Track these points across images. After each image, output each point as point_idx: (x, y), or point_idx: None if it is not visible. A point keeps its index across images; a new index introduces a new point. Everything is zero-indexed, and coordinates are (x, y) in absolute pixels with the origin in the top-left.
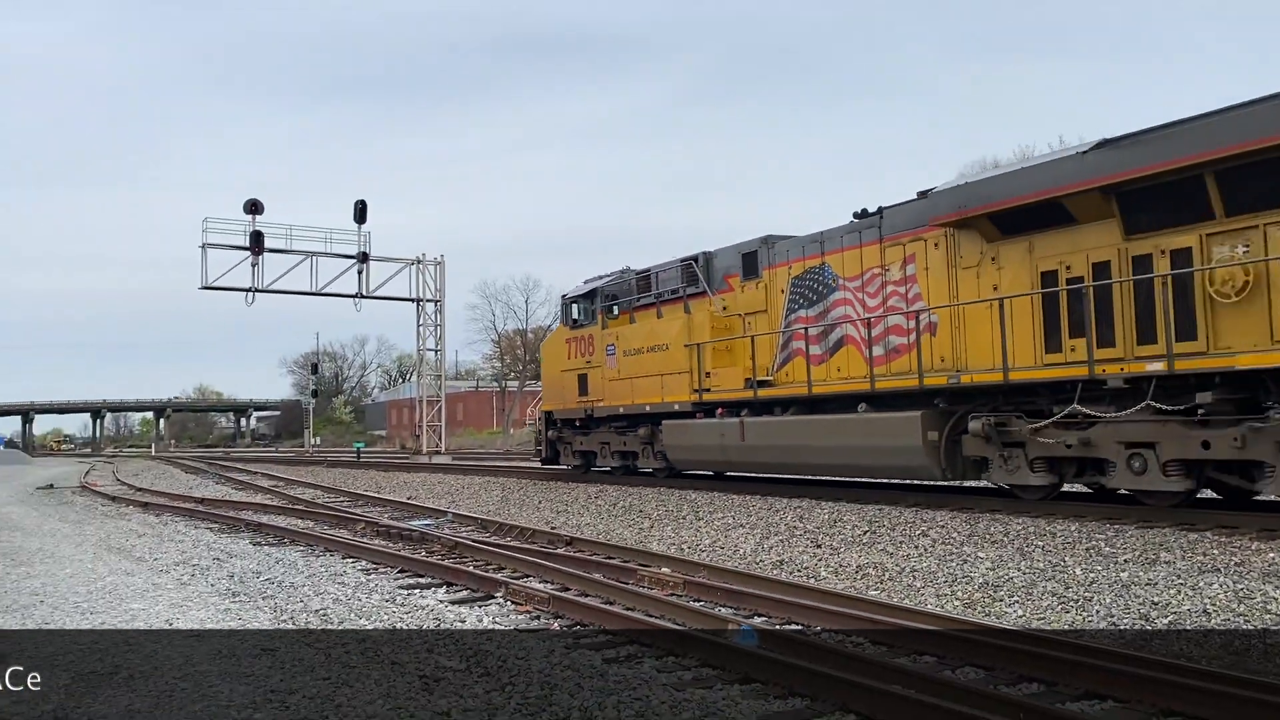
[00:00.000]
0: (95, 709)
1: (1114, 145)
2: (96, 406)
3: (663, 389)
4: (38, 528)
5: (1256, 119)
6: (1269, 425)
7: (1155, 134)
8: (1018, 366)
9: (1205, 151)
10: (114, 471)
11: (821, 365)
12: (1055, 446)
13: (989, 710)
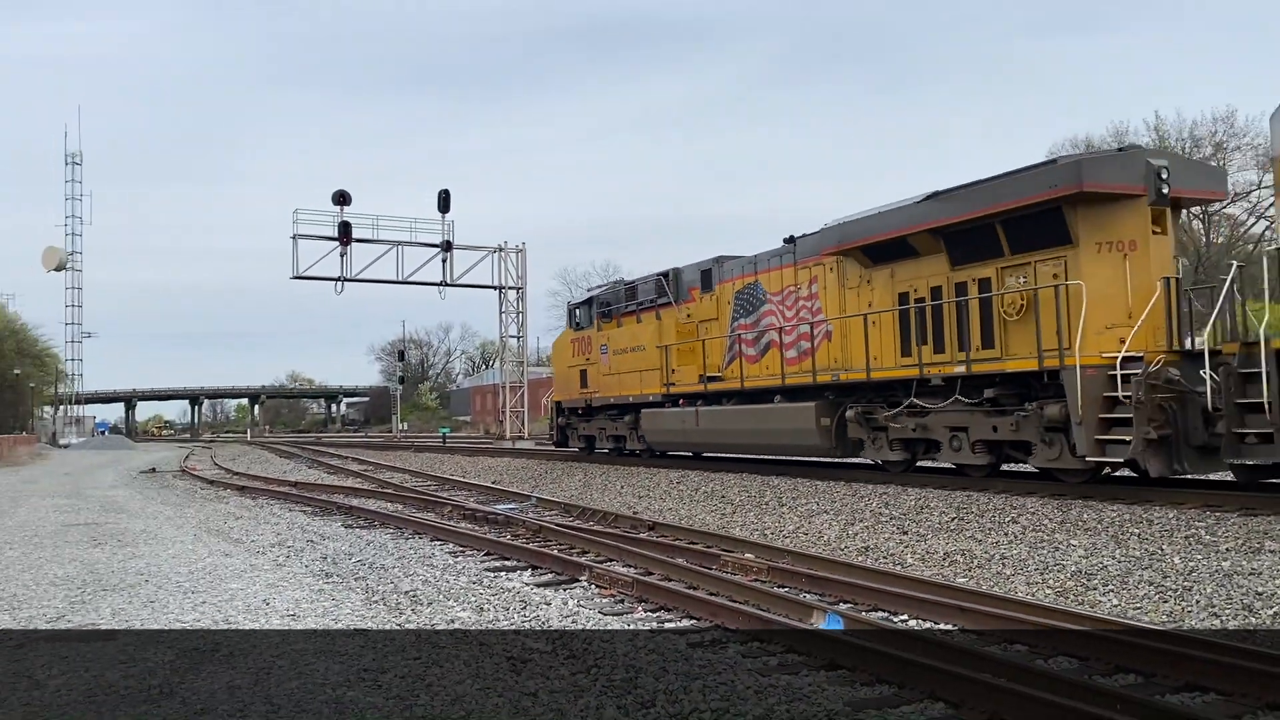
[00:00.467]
0: (198, 684)
1: (941, 197)
2: (195, 393)
3: (641, 383)
4: (141, 510)
5: (1028, 181)
6: (1031, 414)
7: (969, 189)
8: (879, 367)
9: (994, 205)
10: (212, 456)
11: (755, 364)
12: (905, 430)
13: (1083, 701)
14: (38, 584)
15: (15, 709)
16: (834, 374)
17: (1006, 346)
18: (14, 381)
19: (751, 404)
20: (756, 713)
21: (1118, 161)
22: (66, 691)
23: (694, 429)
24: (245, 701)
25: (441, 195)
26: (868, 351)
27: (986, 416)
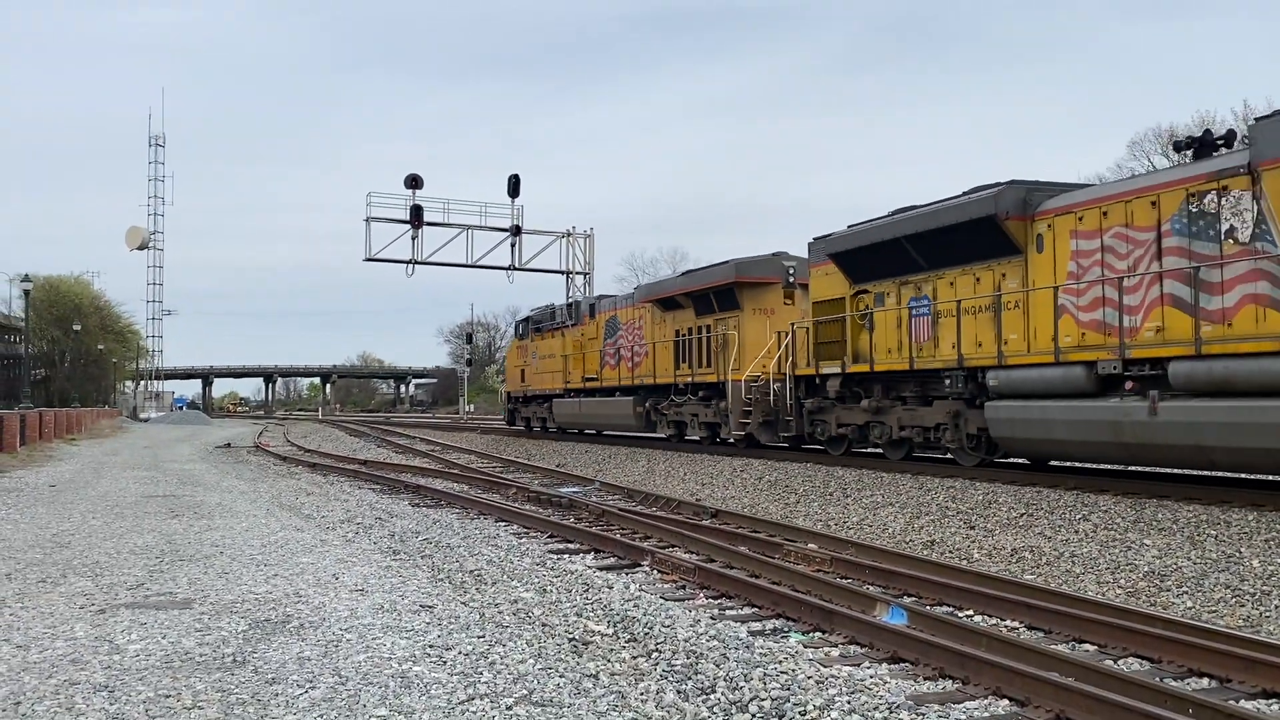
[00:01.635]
0: (270, 655)
1: (688, 275)
2: (269, 371)
3: (553, 381)
4: (217, 484)
5: (720, 271)
6: (716, 406)
7: (700, 271)
8: (664, 376)
9: (708, 284)
10: (284, 433)
11: (613, 370)
12: (672, 414)
13: (1153, 703)
14: (119, 553)
15: (97, 671)
16: (643, 379)
17: (715, 366)
18: (98, 357)
19: (608, 397)
20: (817, 703)
21: (766, 262)
22: (145, 657)
23: (579, 413)
24: (314, 673)
25: (511, 180)
26: (655, 366)
27: (705, 406)
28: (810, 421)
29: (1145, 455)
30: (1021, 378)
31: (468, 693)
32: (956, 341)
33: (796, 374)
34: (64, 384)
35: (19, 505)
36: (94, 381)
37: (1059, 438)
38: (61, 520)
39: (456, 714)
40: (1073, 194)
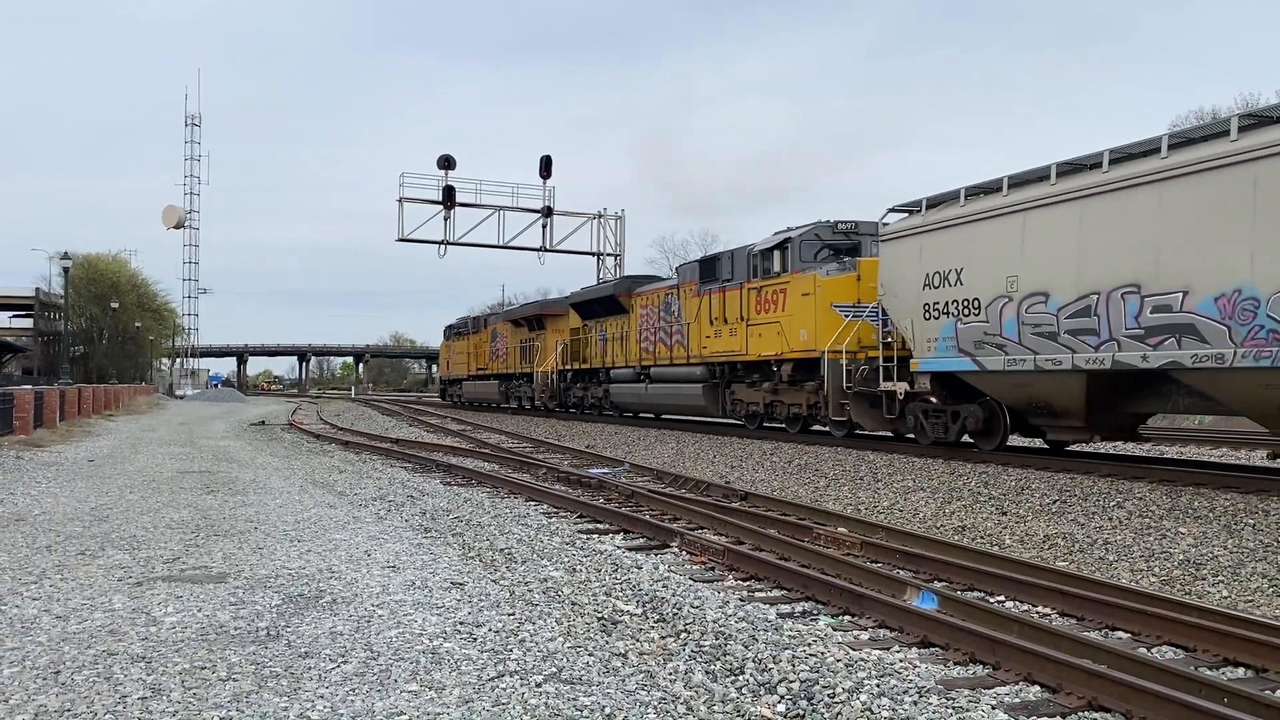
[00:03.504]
0: (303, 629)
1: (583, 290)
2: (303, 350)
3: (463, 369)
4: (251, 460)
5: (613, 287)
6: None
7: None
8: (512, 368)
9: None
10: (318, 411)
11: (495, 362)
12: (516, 392)
13: (1188, 691)
14: (156, 527)
15: (134, 643)
16: (503, 370)
17: (531, 363)
18: (135, 334)
19: (488, 381)
20: (846, 686)
21: (653, 279)
22: (181, 629)
23: (475, 391)
24: (346, 648)
25: (543, 161)
26: (511, 363)
27: (528, 386)
28: (568, 394)
29: (648, 405)
30: (620, 374)
31: (497, 669)
32: (603, 355)
33: (559, 369)
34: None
35: (58, 479)
36: (131, 359)
37: (627, 400)
38: (100, 494)
39: (486, 690)
40: (643, 285)
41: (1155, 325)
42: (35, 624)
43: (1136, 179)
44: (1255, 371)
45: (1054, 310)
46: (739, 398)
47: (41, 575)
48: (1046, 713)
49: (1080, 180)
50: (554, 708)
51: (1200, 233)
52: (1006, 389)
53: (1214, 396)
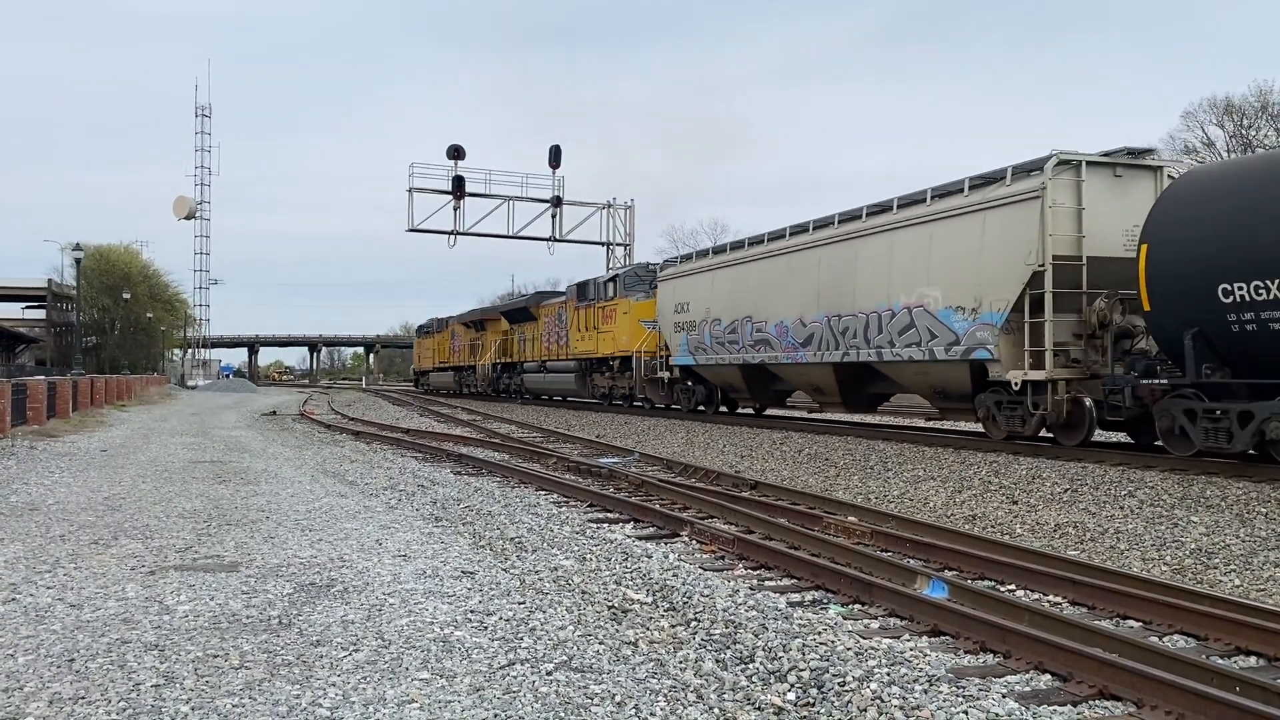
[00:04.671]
0: (315, 618)
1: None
2: (313, 340)
3: (431, 362)
4: (263, 450)
5: (530, 299)
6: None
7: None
8: (464, 361)
9: (518, 306)
10: (329, 402)
11: (450, 358)
12: (468, 381)
13: (1199, 680)
14: (168, 516)
15: (148, 631)
16: (459, 364)
17: (476, 358)
18: (147, 325)
19: (447, 372)
20: (856, 674)
21: (556, 294)
22: (194, 618)
23: (440, 381)
24: (358, 636)
25: (552, 150)
26: (463, 358)
27: (517, 376)
28: (499, 382)
29: (545, 389)
30: (529, 367)
31: (508, 658)
32: (521, 351)
33: (493, 362)
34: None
35: (72, 469)
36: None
37: (533, 386)
38: (112, 484)
39: (497, 678)
40: (548, 300)
41: (761, 340)
42: (49, 612)
43: (753, 258)
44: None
45: (722, 329)
46: (595, 383)
47: (55, 564)
48: (1057, 701)
49: (744, 251)
50: (564, 695)
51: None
52: (710, 375)
53: (794, 383)
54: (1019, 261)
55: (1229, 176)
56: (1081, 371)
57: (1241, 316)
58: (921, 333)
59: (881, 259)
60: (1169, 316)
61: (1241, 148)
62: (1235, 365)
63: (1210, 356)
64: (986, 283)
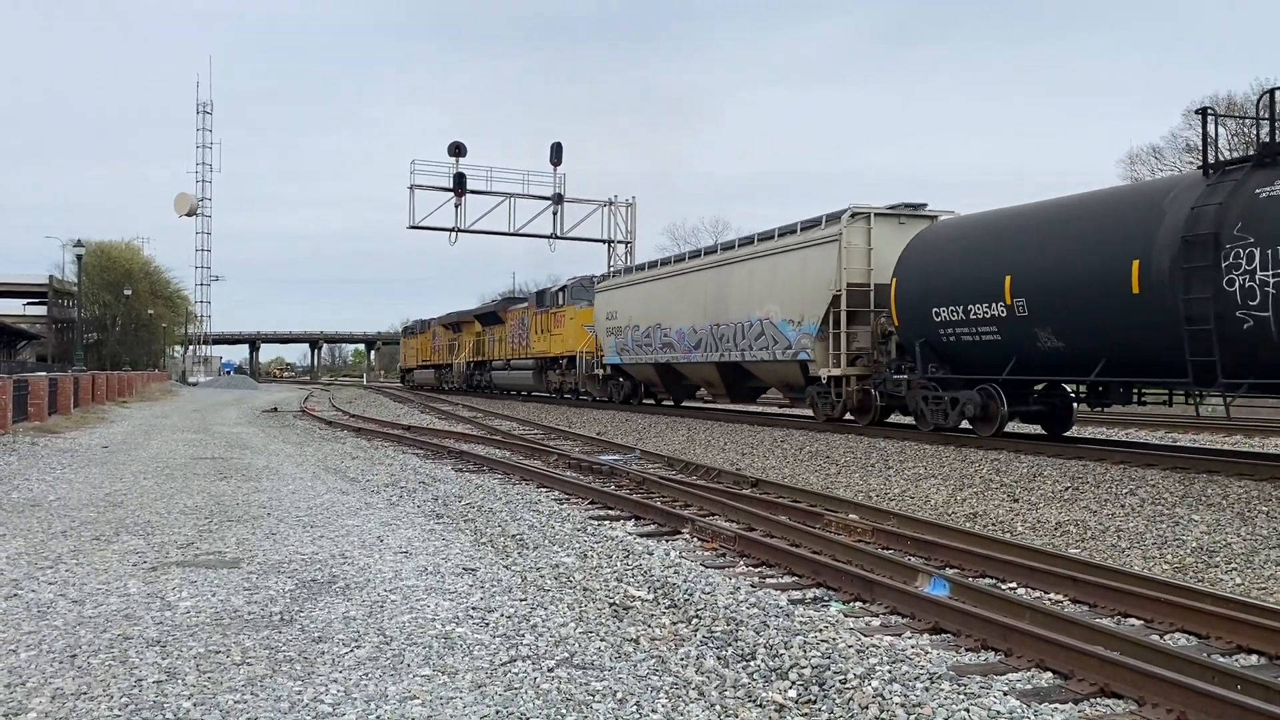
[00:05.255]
0: (316, 614)
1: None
2: (314, 337)
3: (415, 360)
4: (264, 447)
5: (499, 304)
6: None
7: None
8: (442, 360)
9: (486, 310)
10: (330, 398)
11: (431, 356)
12: (444, 379)
13: (1200, 678)
14: (170, 512)
15: (149, 627)
16: (439, 362)
17: (452, 358)
18: (148, 321)
19: (430, 370)
20: (858, 671)
21: (520, 300)
22: (195, 614)
23: (419, 377)
24: (359, 632)
25: (554, 147)
26: (443, 356)
27: (450, 374)
28: (472, 379)
29: (509, 385)
30: (496, 365)
31: (510, 654)
32: (491, 351)
33: (468, 361)
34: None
35: (73, 465)
36: (144, 345)
37: (499, 382)
38: (114, 480)
39: (499, 675)
40: (514, 305)
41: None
42: (51, 608)
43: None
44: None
45: (640, 332)
46: (549, 379)
47: (57, 560)
48: (1058, 699)
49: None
50: (566, 692)
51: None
52: (633, 371)
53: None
54: (825, 287)
55: (941, 231)
56: (869, 369)
57: (945, 331)
58: (769, 339)
59: (744, 281)
60: (908, 330)
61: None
62: (950, 365)
63: (934, 358)
64: (806, 302)
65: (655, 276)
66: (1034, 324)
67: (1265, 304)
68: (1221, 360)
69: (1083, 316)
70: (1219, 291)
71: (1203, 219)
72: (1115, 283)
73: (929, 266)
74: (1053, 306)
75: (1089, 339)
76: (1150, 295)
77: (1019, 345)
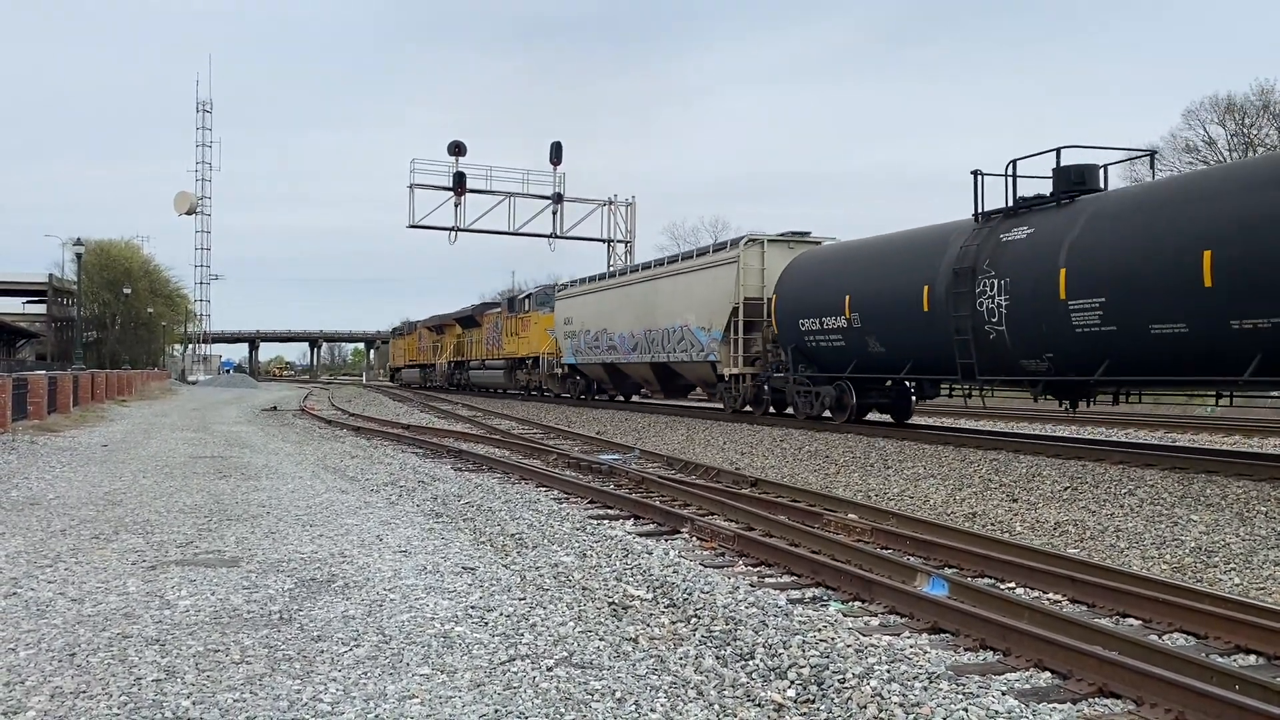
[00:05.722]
0: (315, 613)
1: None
2: (314, 336)
3: (402, 360)
4: (264, 446)
5: (477, 309)
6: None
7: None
8: (427, 360)
9: (465, 314)
10: (329, 397)
11: (418, 356)
12: (427, 377)
13: (1199, 678)
14: (169, 511)
15: (149, 626)
16: (424, 362)
17: (435, 358)
18: (147, 320)
19: (415, 369)
20: (856, 671)
21: (494, 306)
22: (195, 612)
23: (406, 376)
24: (359, 631)
25: (554, 147)
26: (427, 356)
27: (433, 373)
28: (453, 377)
29: (484, 383)
30: (473, 365)
31: (509, 653)
32: (469, 352)
33: (449, 361)
34: (115, 346)
35: (73, 464)
36: (144, 344)
37: (475, 380)
38: (113, 479)
39: (498, 674)
40: (489, 310)
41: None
42: (50, 607)
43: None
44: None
45: (590, 336)
46: (517, 377)
47: (56, 559)
48: (1057, 699)
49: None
50: (565, 691)
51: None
52: (586, 370)
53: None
54: (727, 300)
55: (809, 257)
56: (762, 369)
57: (809, 338)
58: (688, 343)
59: (669, 294)
60: (784, 336)
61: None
62: (815, 365)
63: (803, 360)
64: (714, 313)
65: (603, 287)
66: (865, 333)
67: (1002, 321)
68: (978, 362)
69: (896, 328)
70: (974, 311)
71: (966, 255)
72: (913, 302)
73: (798, 286)
74: (877, 319)
75: (900, 345)
76: (934, 312)
77: (857, 350)
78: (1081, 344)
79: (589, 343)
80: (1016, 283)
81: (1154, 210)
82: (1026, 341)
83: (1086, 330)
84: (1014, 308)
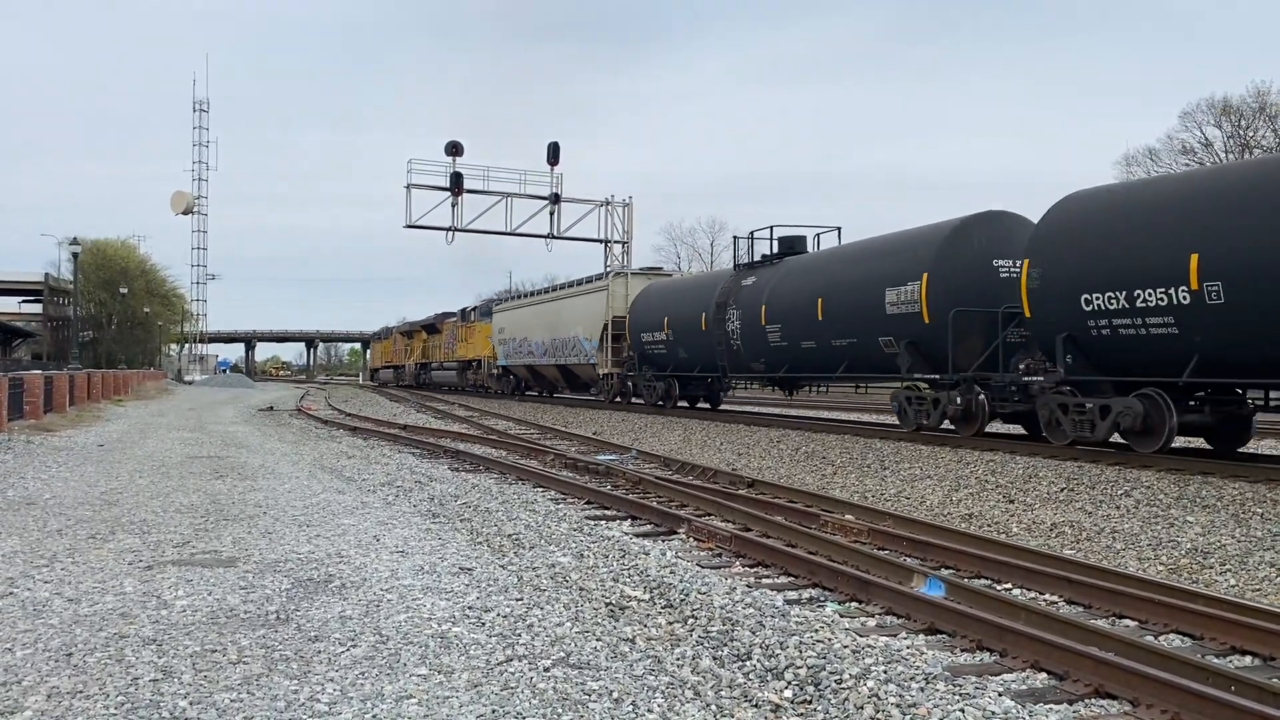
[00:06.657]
0: (313, 613)
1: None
2: (310, 336)
3: (380, 362)
4: (260, 446)
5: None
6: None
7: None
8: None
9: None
10: (326, 398)
11: (395, 358)
12: (402, 377)
13: (1195, 679)
14: (165, 511)
15: (145, 626)
16: (400, 363)
17: (407, 359)
18: (144, 319)
19: (393, 369)
20: (853, 672)
21: (451, 315)
22: (192, 612)
23: (383, 376)
24: (356, 631)
25: (551, 147)
26: (403, 358)
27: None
28: (419, 378)
29: (442, 382)
30: (434, 367)
31: (506, 654)
32: (432, 355)
33: (416, 363)
34: (111, 346)
35: (69, 464)
36: (140, 344)
37: (435, 379)
38: (110, 479)
39: (495, 674)
40: (448, 318)
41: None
42: (47, 607)
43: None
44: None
45: (517, 343)
46: (467, 377)
47: (53, 559)
48: (1053, 699)
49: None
50: (562, 692)
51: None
52: (516, 371)
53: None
54: (601, 318)
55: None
56: (624, 368)
57: (647, 347)
58: (579, 350)
59: (568, 310)
60: (635, 345)
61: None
62: (652, 366)
63: (646, 362)
64: (593, 327)
65: (527, 304)
66: (676, 344)
67: (738, 338)
68: (729, 365)
69: (691, 341)
70: (725, 331)
71: (724, 294)
72: (698, 323)
73: (640, 309)
74: (681, 334)
75: (694, 352)
76: (709, 331)
77: (673, 355)
78: (775, 354)
79: (515, 349)
80: (745, 313)
81: (802, 272)
82: (751, 351)
83: (776, 344)
84: (744, 330)
